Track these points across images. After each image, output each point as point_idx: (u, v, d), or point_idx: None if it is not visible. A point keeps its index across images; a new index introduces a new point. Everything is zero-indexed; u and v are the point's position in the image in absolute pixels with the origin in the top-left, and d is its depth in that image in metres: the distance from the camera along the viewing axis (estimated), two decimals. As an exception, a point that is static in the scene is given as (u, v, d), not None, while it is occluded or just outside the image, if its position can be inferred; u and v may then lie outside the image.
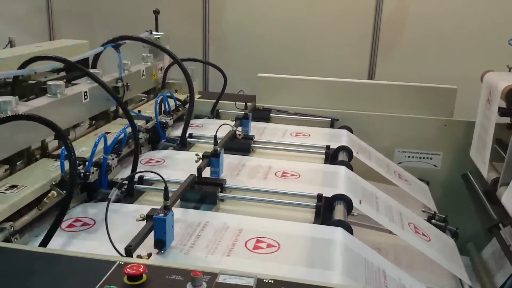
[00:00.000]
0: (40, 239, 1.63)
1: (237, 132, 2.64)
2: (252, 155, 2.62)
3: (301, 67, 4.47)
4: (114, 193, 1.52)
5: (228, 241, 1.61)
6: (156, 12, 3.34)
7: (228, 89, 3.27)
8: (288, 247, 1.59)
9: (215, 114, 3.36)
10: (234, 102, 3.28)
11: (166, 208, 1.54)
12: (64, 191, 1.72)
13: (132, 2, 5.15)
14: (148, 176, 2.11)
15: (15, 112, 1.83)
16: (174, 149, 2.67)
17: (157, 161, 2.42)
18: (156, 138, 2.71)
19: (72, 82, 2.73)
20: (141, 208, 1.87)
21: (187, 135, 2.75)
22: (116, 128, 2.54)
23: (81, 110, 2.36)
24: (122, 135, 2.15)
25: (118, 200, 2.00)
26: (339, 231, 1.71)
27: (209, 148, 2.70)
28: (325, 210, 1.95)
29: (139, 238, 1.46)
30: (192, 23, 4.99)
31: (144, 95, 3.24)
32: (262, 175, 2.24)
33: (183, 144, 2.71)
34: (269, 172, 2.29)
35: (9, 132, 1.76)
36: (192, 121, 3.10)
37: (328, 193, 2.00)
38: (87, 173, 1.89)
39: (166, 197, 1.54)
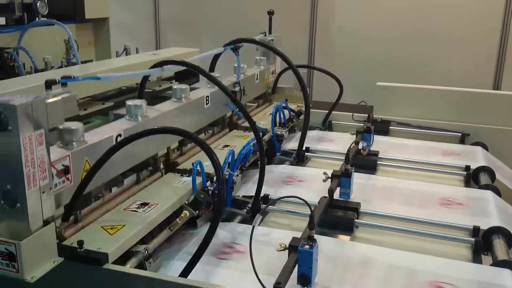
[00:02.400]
0: (172, 263, 1.54)
1: (361, 148, 2.43)
2: (377, 174, 2.39)
3: (415, 76, 4.15)
4: (258, 220, 1.37)
5: (378, 276, 1.42)
6: (271, 13, 3.21)
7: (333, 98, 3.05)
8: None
9: (327, 125, 3.16)
10: (350, 113, 3.07)
11: (311, 239, 1.37)
12: (197, 211, 1.61)
13: (236, 11, 5.11)
14: (273, 195, 1.96)
15: (146, 117, 1.77)
16: (291, 163, 2.51)
17: (292, 178, 2.26)
18: (271, 151, 2.57)
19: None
20: (271, 231, 1.73)
21: (303, 148, 2.58)
22: (233, 141, 2.43)
23: (203, 115, 2.27)
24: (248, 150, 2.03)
25: (243, 221, 1.87)
26: (507, 274, 1.45)
27: (328, 163, 2.53)
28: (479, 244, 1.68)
29: (287, 274, 1.29)
30: (298, 29, 4.83)
31: (252, 103, 3.11)
32: (400, 199, 2.01)
33: (300, 158, 2.54)
34: (405, 195, 2.05)
35: (142, 141, 1.68)
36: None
37: (479, 223, 1.74)
38: (216, 191, 1.77)
39: (311, 226, 1.37)
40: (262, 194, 1.94)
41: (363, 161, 2.39)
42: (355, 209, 1.82)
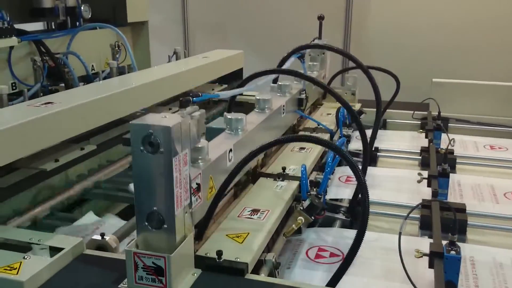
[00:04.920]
0: (291, 271, 1.49)
1: (440, 146, 2.38)
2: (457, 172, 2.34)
3: (458, 72, 4.11)
4: (403, 225, 1.32)
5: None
6: (321, 18, 3.16)
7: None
8: None
9: (381, 124, 3.11)
10: (404, 111, 3.03)
11: (453, 244, 1.32)
12: (312, 217, 1.56)
13: (265, 13, 5.05)
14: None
15: (246, 130, 1.72)
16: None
17: None
18: (340, 152, 2.51)
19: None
20: (379, 236, 1.68)
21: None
22: (306, 144, 2.37)
23: (280, 125, 2.22)
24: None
25: (342, 225, 1.82)
26: None
27: (397, 163, 2.49)
28: None
29: (441, 283, 1.24)
30: (333, 28, 4.78)
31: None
32: (490, 197, 1.97)
33: (371, 159, 2.48)
34: (493, 193, 2.01)
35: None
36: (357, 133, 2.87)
37: None
38: (319, 195, 1.72)
39: (453, 231, 1.32)
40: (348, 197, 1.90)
41: (441, 159, 2.34)
42: (463, 210, 1.77)
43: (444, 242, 1.37)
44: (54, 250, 1.38)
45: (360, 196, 1.83)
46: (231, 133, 1.69)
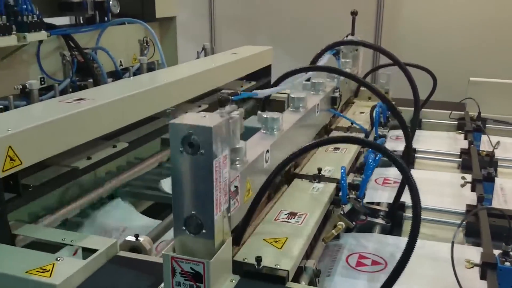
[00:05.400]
0: (331, 279, 1.41)
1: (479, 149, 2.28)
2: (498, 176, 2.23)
3: (493, 71, 3.96)
4: (456, 234, 1.24)
5: None
6: (354, 14, 3.07)
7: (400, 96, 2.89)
8: None
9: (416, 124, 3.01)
10: (440, 111, 2.93)
11: (507, 255, 1.24)
12: (354, 223, 1.49)
13: (293, 8, 4.96)
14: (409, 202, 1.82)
15: (282, 130, 1.65)
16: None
17: (395, 182, 2.13)
18: (374, 153, 2.43)
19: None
20: (424, 244, 1.59)
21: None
22: (341, 144, 2.30)
23: (315, 124, 2.15)
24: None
25: (382, 231, 1.74)
26: None
27: (436, 165, 2.40)
28: None
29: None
30: (364, 24, 4.67)
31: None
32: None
33: (409, 160, 2.39)
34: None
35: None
36: (393, 132, 2.77)
37: None
38: (359, 199, 1.65)
39: (508, 240, 1.24)
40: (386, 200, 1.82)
41: (483, 162, 2.24)
42: (512, 217, 1.67)
43: (495, 252, 1.29)
44: (86, 251, 1.34)
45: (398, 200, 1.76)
46: (267, 132, 1.62)
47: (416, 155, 2.42)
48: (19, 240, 1.41)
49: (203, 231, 1.10)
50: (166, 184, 2.21)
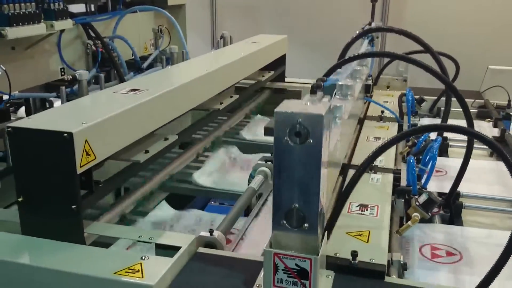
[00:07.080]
0: (412, 272, 1.38)
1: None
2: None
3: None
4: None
5: None
6: (374, 0, 3.05)
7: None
8: None
9: (435, 112, 3.00)
10: (467, 100, 2.92)
11: None
12: (429, 214, 1.46)
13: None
14: (465, 191, 1.81)
15: (343, 118, 1.61)
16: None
17: (437, 171, 2.11)
18: (406, 143, 2.41)
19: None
20: (490, 233, 1.58)
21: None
22: (379, 132, 2.27)
23: (357, 111, 2.12)
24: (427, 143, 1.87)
25: (442, 220, 1.73)
26: None
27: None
28: None
29: None
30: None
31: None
32: None
33: (442, 149, 2.38)
34: None
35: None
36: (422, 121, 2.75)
37: None
38: (424, 189, 1.61)
39: None
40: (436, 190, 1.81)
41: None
42: None
43: None
44: (161, 248, 1.28)
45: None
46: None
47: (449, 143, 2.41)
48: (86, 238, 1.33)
49: (306, 224, 1.06)
50: (200, 177, 2.14)
